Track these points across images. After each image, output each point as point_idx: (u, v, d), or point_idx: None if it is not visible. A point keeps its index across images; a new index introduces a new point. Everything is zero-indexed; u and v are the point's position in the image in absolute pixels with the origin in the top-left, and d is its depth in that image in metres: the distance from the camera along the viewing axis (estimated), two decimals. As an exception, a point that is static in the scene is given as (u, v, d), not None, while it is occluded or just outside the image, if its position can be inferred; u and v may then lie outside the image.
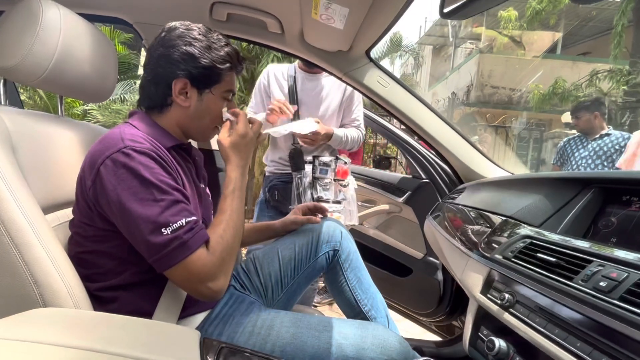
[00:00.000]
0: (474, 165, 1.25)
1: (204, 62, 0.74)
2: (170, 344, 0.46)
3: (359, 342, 0.73)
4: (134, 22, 1.14)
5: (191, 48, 0.74)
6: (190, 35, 0.75)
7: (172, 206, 0.64)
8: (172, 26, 0.76)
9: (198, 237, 0.65)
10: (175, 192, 0.66)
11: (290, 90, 1.55)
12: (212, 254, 0.67)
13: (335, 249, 1.02)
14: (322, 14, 0.89)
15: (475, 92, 10.46)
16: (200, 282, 0.65)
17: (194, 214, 0.67)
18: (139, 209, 0.62)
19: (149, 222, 0.62)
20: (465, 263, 0.84)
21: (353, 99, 1.62)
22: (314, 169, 1.47)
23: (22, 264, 0.58)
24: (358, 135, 1.62)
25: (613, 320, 0.45)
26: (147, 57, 0.77)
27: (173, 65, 0.74)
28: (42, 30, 0.70)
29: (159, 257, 0.63)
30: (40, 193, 0.68)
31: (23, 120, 0.71)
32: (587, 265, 0.54)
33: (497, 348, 0.61)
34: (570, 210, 0.71)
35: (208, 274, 0.65)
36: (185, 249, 0.63)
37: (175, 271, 0.64)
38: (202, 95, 0.77)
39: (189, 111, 0.77)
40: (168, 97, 0.76)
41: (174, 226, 0.63)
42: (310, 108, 1.56)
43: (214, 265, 0.66)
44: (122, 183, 0.63)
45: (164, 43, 0.74)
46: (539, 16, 9.24)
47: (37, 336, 0.41)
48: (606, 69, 7.85)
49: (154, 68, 0.75)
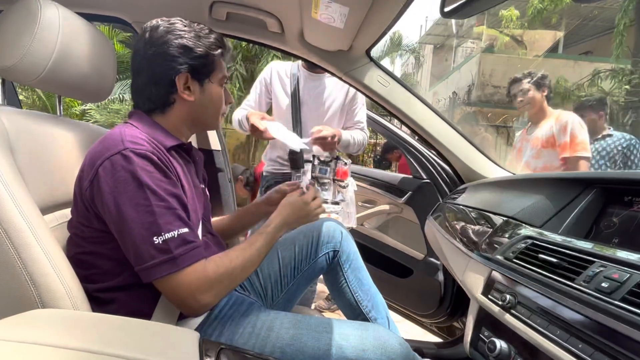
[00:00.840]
0: (475, 165, 1.25)
1: (199, 51, 0.75)
2: (169, 345, 0.46)
3: (360, 344, 0.73)
4: (133, 22, 1.14)
5: (183, 40, 0.74)
6: (177, 29, 0.74)
7: (167, 214, 0.64)
8: (153, 25, 0.76)
9: (188, 256, 0.64)
10: (171, 198, 0.65)
11: (293, 90, 1.55)
12: (209, 270, 0.66)
13: (336, 249, 1.02)
14: (322, 14, 0.89)
15: (477, 92, 10.45)
16: (183, 300, 0.65)
17: (188, 225, 0.66)
18: (133, 213, 0.62)
19: (141, 229, 0.62)
20: (466, 264, 0.84)
21: (356, 101, 1.61)
22: (313, 168, 1.47)
23: (20, 265, 0.58)
24: (363, 137, 1.62)
25: (615, 322, 0.45)
26: (137, 60, 0.76)
27: (171, 61, 0.73)
28: (41, 30, 0.70)
29: (144, 267, 0.63)
30: (38, 193, 0.68)
31: (21, 120, 0.71)
32: (588, 266, 0.54)
33: (498, 349, 0.61)
34: (572, 210, 0.71)
35: (196, 290, 0.65)
36: (172, 265, 0.63)
37: (159, 283, 0.64)
38: (203, 86, 0.78)
39: (194, 104, 0.78)
40: (171, 94, 0.76)
41: (165, 236, 0.62)
42: (312, 108, 1.56)
43: (206, 282, 0.66)
44: (118, 186, 0.63)
45: (154, 42, 0.74)
46: (541, 15, 9.24)
47: (35, 337, 0.41)
48: (608, 69, 7.84)
49: (150, 68, 0.74)
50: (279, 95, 1.56)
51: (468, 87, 10.91)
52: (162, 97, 0.76)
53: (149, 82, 0.75)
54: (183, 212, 0.67)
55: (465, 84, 11.11)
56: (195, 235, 0.67)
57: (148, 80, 0.75)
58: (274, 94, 1.58)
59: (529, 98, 2.02)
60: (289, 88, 1.56)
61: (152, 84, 0.75)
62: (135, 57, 0.76)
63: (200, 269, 0.66)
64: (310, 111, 1.55)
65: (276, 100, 1.59)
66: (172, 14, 0.78)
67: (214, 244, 0.86)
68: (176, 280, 0.64)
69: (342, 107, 1.59)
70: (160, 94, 0.76)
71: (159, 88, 0.75)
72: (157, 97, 0.76)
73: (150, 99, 0.76)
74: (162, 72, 0.74)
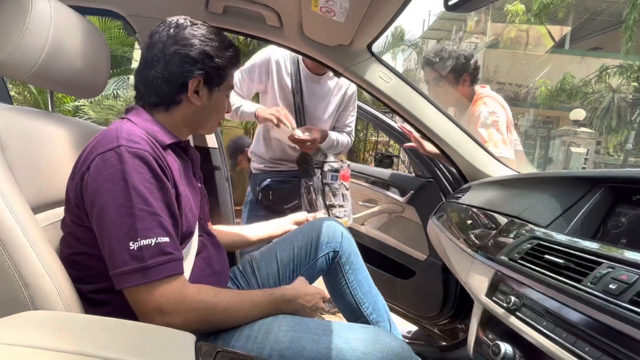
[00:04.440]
0: (478, 164, 1.25)
1: (218, 61, 0.77)
2: (164, 348, 0.46)
3: (360, 347, 0.73)
4: (127, 15, 1.13)
5: (208, 47, 0.75)
6: (204, 35, 0.76)
7: (148, 219, 0.63)
8: (180, 22, 0.76)
9: (162, 268, 0.63)
10: (158, 203, 0.65)
11: (294, 88, 1.53)
12: (186, 292, 0.65)
13: (336, 250, 1.02)
14: (322, 7, 0.89)
15: (481, 89, 10.44)
16: (147, 313, 0.63)
17: (170, 235, 0.65)
18: (113, 214, 0.62)
19: (119, 231, 0.62)
20: (469, 265, 0.84)
21: (350, 104, 1.63)
22: (324, 175, 1.48)
23: (11, 266, 0.58)
24: (348, 141, 1.65)
25: (623, 324, 0.45)
26: (154, 53, 0.75)
27: (190, 64, 0.74)
28: (32, 23, 0.70)
29: (116, 273, 0.62)
30: (29, 192, 0.68)
31: (12, 117, 0.71)
32: (596, 267, 0.54)
33: (502, 353, 0.61)
34: (579, 210, 0.71)
35: (165, 308, 0.63)
36: (143, 276, 0.61)
37: (128, 292, 0.64)
38: (212, 94, 0.79)
39: (199, 109, 0.79)
40: (179, 95, 0.77)
41: (141, 242, 0.61)
42: (310, 109, 1.55)
43: (178, 303, 0.63)
44: (105, 184, 0.63)
45: (178, 40, 0.74)
46: (547, 9, 9.24)
47: (27, 340, 0.41)
48: (616, 65, 7.85)
49: (167, 65, 0.75)
50: (277, 91, 1.54)
51: (472, 83, 10.89)
52: (170, 95, 0.76)
53: (161, 77, 0.75)
54: (168, 219, 0.66)
55: (469, 80, 11.08)
56: (176, 247, 0.66)
57: (161, 75, 0.75)
58: (271, 88, 1.54)
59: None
60: (289, 85, 1.54)
61: (164, 80, 0.75)
62: (152, 49, 0.76)
63: (177, 286, 0.64)
64: (308, 113, 1.55)
65: (273, 95, 1.55)
66: (168, 7, 0.78)
67: (210, 245, 0.86)
68: (146, 291, 0.62)
69: (336, 109, 1.61)
70: (169, 92, 0.76)
71: (169, 86, 0.76)
72: (166, 94, 0.76)
73: (157, 94, 0.77)
74: (177, 72, 0.75)
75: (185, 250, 0.75)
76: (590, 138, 9.31)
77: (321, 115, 1.57)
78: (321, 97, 1.57)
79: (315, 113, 1.56)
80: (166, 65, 0.75)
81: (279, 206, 1.57)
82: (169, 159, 0.72)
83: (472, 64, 1.65)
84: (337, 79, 1.57)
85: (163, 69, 0.75)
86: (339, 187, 1.49)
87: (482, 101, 1.60)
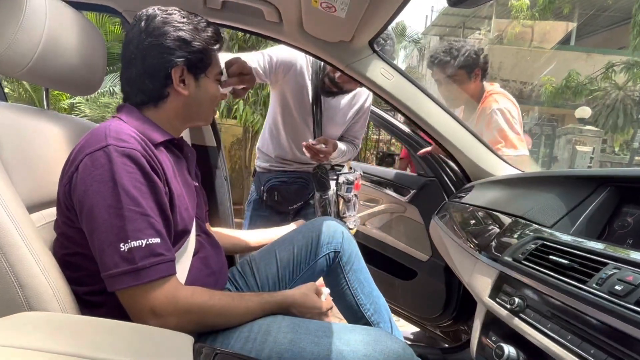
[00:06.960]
0: (482, 163, 1.24)
1: (196, 45, 0.75)
2: (162, 349, 0.46)
3: (361, 349, 0.73)
4: (123, 10, 1.13)
5: (182, 32, 0.74)
6: (175, 20, 0.75)
7: (138, 220, 0.63)
8: (150, 14, 0.76)
9: (154, 270, 0.63)
10: (148, 203, 0.65)
11: (313, 101, 1.48)
12: (180, 294, 0.65)
13: (336, 250, 1.02)
14: (322, 2, 0.89)
15: (484, 86, 10.44)
16: (139, 314, 0.64)
17: (161, 235, 0.65)
18: (103, 215, 0.62)
19: (109, 232, 0.62)
20: (473, 265, 0.84)
21: (363, 117, 1.62)
22: (339, 187, 1.47)
23: (6, 266, 0.58)
24: (353, 152, 1.65)
25: (629, 326, 0.45)
26: (131, 50, 0.75)
27: (168, 54, 0.74)
28: (26, 19, 0.69)
29: (107, 275, 0.62)
30: (24, 191, 0.68)
31: (6, 114, 0.71)
32: (601, 268, 0.54)
33: (506, 355, 0.61)
34: (584, 210, 0.71)
35: (159, 309, 0.63)
36: (135, 278, 0.61)
37: (120, 294, 0.64)
38: (199, 80, 0.79)
39: (189, 99, 0.78)
40: (165, 88, 0.76)
41: (132, 244, 0.61)
42: (325, 120, 1.52)
43: (171, 305, 0.64)
44: (94, 184, 0.63)
45: (150, 32, 0.74)
46: (552, 5, 9.22)
47: (22, 341, 0.41)
48: (622, 62, 7.84)
49: (145, 59, 0.74)
50: (292, 95, 1.49)
51: (475, 80, 10.88)
52: (156, 89, 0.76)
53: (143, 74, 0.75)
54: (159, 219, 0.66)
55: (472, 78, 11.07)
56: (168, 248, 0.66)
57: (142, 72, 0.75)
58: (287, 89, 1.48)
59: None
60: (309, 95, 1.48)
61: (147, 75, 0.75)
62: (128, 47, 0.76)
63: (170, 288, 0.65)
64: (325, 122, 1.53)
65: (284, 97, 1.50)
66: (165, 3, 0.78)
67: (208, 244, 0.86)
68: (138, 293, 0.63)
69: (350, 121, 1.60)
70: (154, 87, 0.76)
71: (153, 80, 0.75)
72: (151, 90, 0.76)
73: (143, 91, 0.76)
74: (157, 64, 0.74)
75: (181, 249, 0.75)
76: (596, 136, 9.30)
77: (334, 127, 1.56)
78: (337, 109, 1.54)
79: (328, 123, 1.54)
80: (144, 60, 0.74)
81: (284, 207, 1.56)
82: (162, 157, 0.72)
83: (482, 58, 1.65)
84: (354, 90, 1.50)
85: (142, 65, 0.74)
86: (352, 198, 1.49)
87: (493, 98, 1.60)
